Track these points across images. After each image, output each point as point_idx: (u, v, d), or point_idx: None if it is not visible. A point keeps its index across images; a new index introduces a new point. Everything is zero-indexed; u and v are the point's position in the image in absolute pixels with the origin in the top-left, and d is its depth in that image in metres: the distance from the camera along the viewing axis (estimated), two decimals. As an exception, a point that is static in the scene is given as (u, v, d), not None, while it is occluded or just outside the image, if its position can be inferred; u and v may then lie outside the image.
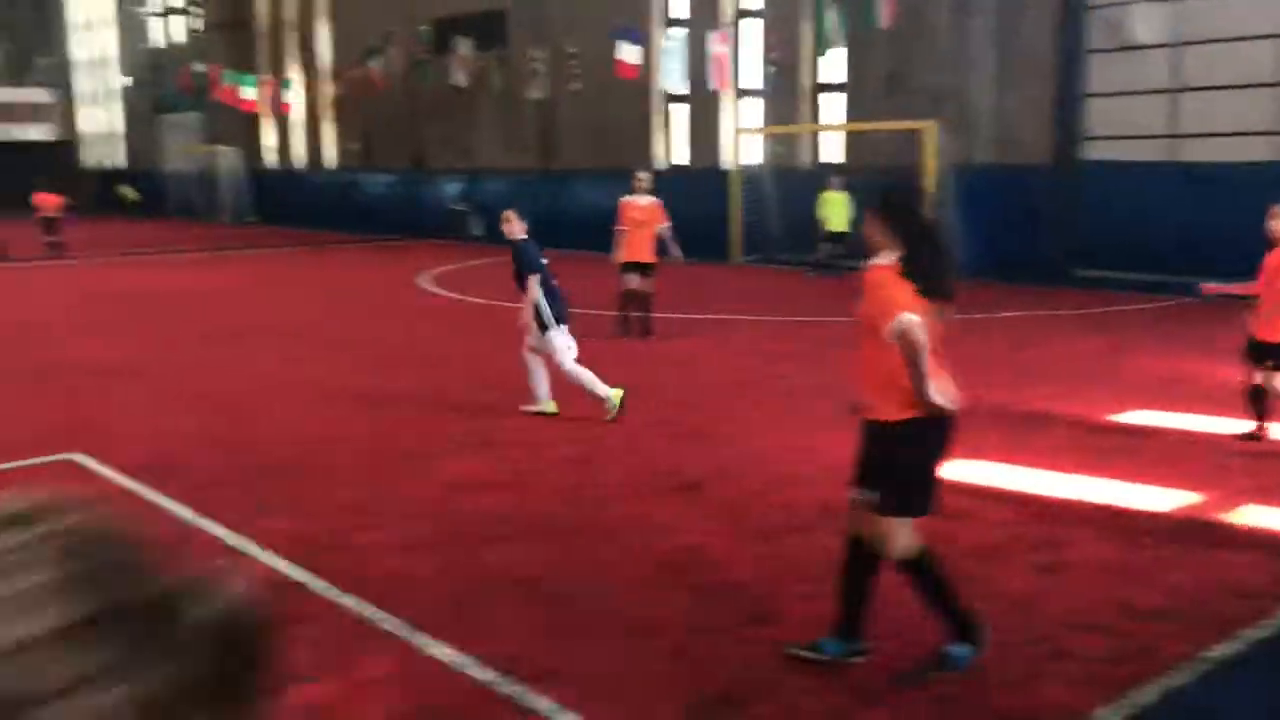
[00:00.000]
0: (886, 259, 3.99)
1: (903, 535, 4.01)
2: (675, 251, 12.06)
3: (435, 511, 6.18)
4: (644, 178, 12.23)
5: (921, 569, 4.06)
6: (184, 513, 6.15)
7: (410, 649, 4.39)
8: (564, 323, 8.32)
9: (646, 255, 11.95)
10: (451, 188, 29.62)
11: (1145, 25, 16.87)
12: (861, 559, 4.12)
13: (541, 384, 8.41)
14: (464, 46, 27.67)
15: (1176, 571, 5.16)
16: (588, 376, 8.26)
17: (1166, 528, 5.78)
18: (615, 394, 8.21)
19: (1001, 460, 6.94)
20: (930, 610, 4.12)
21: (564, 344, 8.30)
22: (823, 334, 11.98)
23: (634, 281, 11.97)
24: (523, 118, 27.23)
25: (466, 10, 28.52)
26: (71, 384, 9.89)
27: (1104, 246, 16.68)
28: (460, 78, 27.78)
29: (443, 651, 4.34)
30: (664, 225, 12.05)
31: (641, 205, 12.04)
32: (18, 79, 51.96)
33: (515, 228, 8.52)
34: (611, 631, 4.52)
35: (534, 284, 8.24)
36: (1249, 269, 7.32)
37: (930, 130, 17.48)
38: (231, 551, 5.55)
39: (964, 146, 18.26)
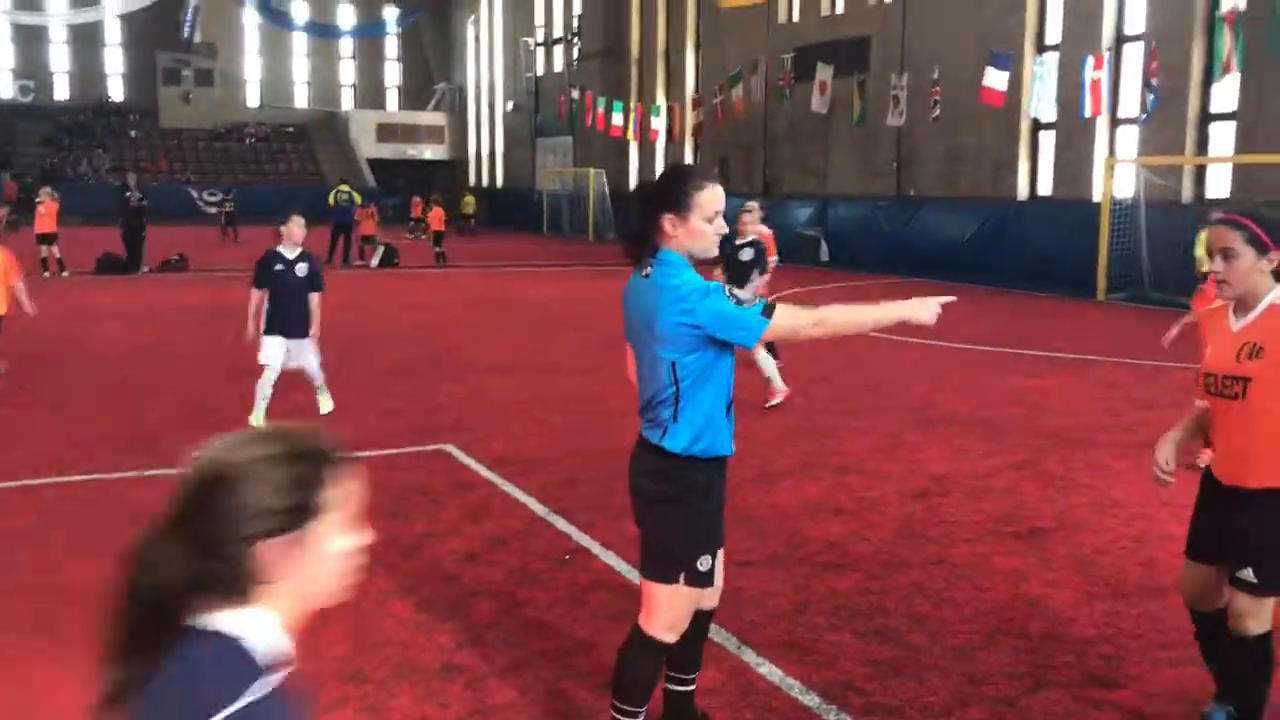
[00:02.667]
0: None
1: (1268, 611, 3.63)
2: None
3: (773, 530, 6.26)
4: (751, 207, 10.45)
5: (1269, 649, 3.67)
6: (537, 507, 6.59)
7: (738, 663, 4.48)
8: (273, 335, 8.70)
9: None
10: (802, 213, 29.84)
11: None
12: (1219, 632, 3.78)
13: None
14: (825, 73, 27.84)
15: None
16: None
17: None
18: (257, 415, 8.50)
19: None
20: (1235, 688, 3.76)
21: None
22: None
23: None
24: (879, 144, 27.01)
25: (830, 37, 28.67)
26: (455, 380, 10.84)
27: None
28: (820, 104, 27.96)
29: (770, 670, 4.40)
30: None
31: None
32: (420, 103, 57.70)
33: (299, 234, 8.89)
34: (942, 673, 4.40)
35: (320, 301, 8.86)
36: None
37: (1339, 165, 15.70)
38: (575, 549, 5.89)
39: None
